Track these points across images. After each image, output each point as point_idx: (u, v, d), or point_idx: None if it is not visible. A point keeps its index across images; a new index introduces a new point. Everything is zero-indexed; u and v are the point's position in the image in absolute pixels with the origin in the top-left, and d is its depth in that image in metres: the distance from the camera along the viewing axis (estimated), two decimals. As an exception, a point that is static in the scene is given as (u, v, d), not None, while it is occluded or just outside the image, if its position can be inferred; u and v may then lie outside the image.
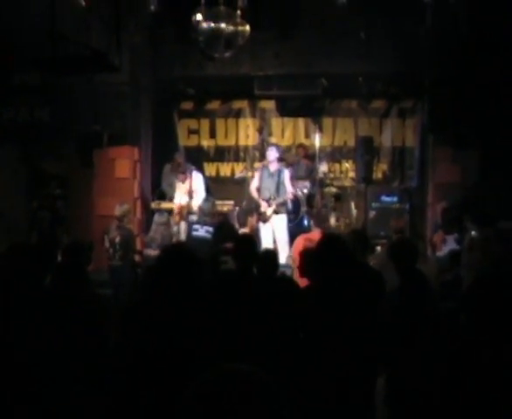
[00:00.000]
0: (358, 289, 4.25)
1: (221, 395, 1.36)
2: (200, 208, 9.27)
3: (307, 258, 5.59)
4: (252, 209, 10.34)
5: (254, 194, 10.49)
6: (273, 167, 10.33)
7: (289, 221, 10.97)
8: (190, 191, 10.39)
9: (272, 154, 10.36)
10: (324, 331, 3.91)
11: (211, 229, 8.81)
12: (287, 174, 10.47)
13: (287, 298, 4.60)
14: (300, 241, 7.93)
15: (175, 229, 10.11)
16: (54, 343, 3.04)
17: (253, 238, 5.90)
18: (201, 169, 11.91)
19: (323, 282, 4.29)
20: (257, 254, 5.30)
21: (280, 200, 10.17)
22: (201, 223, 8.93)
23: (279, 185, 10.27)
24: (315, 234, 7.89)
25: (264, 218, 10.16)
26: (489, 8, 9.05)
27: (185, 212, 10.13)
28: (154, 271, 4.08)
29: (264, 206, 10.20)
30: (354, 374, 3.87)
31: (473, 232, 7.76)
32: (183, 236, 9.72)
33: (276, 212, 10.18)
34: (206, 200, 9.55)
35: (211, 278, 5.65)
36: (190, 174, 10.64)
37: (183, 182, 10.53)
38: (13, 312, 3.18)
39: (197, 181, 10.62)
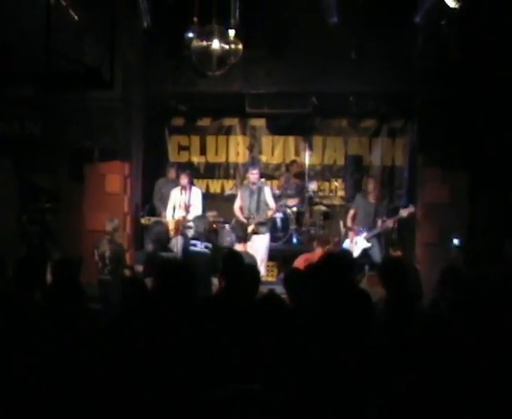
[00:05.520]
0: (350, 311, 4.24)
1: (228, 415, 1.36)
2: (194, 225, 8.96)
3: (294, 278, 5.51)
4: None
5: (237, 213, 10.49)
6: (254, 185, 10.33)
7: (278, 239, 10.98)
8: (187, 206, 10.38)
9: (254, 173, 10.37)
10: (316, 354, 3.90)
11: (210, 244, 8.46)
12: (267, 191, 10.47)
13: (275, 318, 4.57)
14: (301, 261, 7.89)
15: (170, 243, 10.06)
16: (50, 357, 3.04)
17: (239, 255, 5.90)
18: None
19: (319, 303, 4.27)
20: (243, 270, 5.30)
21: (259, 219, 10.15)
22: (200, 238, 8.53)
23: (259, 203, 10.24)
24: (316, 255, 7.85)
25: (244, 237, 10.14)
26: (478, 30, 9.17)
27: (181, 227, 10.09)
28: (152, 287, 4.06)
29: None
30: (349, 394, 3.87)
31: None
32: (178, 251, 9.60)
33: (255, 232, 10.16)
34: (201, 218, 9.35)
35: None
36: (190, 188, 10.63)
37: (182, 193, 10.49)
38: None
39: (195, 196, 10.62)
